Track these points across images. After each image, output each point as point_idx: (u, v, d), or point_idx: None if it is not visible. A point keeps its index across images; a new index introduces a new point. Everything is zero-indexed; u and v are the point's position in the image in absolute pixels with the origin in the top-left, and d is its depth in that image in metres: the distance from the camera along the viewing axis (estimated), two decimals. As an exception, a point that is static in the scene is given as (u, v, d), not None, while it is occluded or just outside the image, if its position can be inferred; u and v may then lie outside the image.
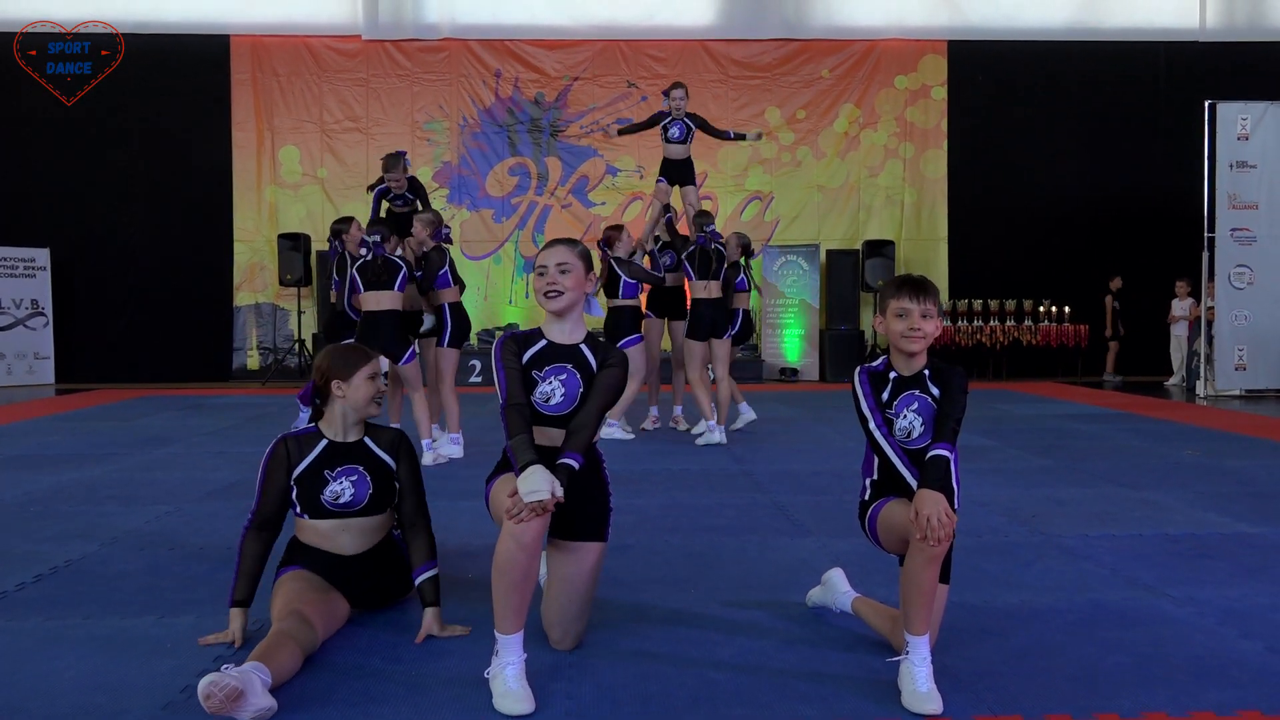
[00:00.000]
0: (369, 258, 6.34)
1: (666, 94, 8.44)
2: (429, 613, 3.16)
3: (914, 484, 2.79)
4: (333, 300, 7.28)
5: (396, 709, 2.62)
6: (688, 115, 8.37)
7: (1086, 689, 2.74)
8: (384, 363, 6.57)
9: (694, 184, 8.49)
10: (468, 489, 5.49)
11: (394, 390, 6.87)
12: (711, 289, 7.40)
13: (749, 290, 8.13)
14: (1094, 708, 2.62)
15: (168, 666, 2.90)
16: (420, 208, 7.35)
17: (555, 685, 2.73)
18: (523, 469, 2.74)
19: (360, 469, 3.22)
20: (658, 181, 8.36)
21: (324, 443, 3.23)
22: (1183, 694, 2.70)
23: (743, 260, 7.93)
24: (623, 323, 7.57)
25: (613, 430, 7.52)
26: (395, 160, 7.38)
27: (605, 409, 3.01)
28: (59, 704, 2.65)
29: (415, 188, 7.53)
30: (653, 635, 3.17)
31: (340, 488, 3.18)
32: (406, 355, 6.45)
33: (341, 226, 7.04)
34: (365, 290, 6.38)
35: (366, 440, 3.28)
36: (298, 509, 3.22)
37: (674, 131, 8.35)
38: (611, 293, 7.59)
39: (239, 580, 3.10)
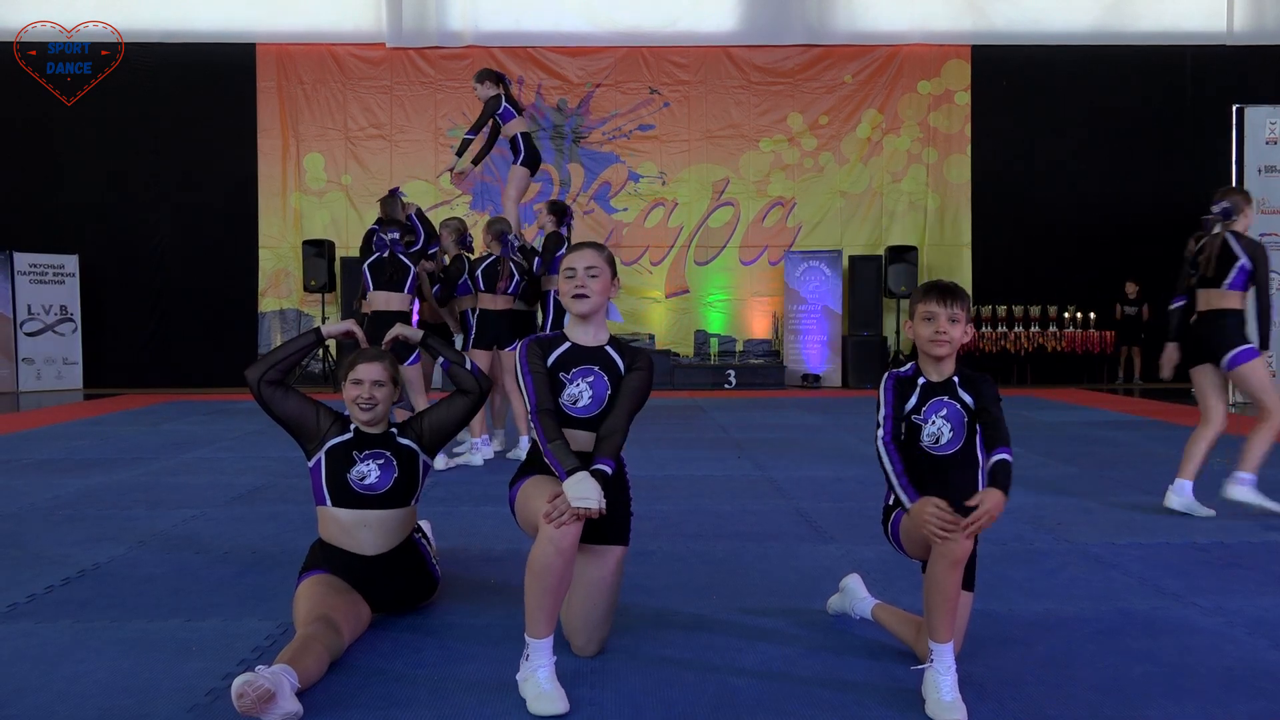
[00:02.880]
0: (385, 254, 6.38)
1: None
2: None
3: (907, 502, 2.77)
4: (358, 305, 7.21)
5: (419, 713, 2.62)
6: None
7: (1113, 699, 2.71)
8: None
9: (515, 162, 7.53)
10: (490, 494, 5.51)
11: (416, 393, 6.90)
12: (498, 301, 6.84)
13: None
14: (1120, 718, 2.59)
15: (194, 669, 2.93)
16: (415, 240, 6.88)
17: (577, 691, 2.73)
18: (570, 473, 2.75)
19: (387, 453, 3.28)
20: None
21: (354, 427, 3.33)
22: (1212, 704, 2.67)
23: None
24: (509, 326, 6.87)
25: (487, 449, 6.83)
26: (393, 203, 6.83)
27: (634, 413, 3.01)
28: (87, 706, 2.67)
29: (420, 217, 7.28)
30: (674, 642, 3.16)
31: (366, 468, 3.24)
32: (411, 357, 6.42)
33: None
34: (374, 289, 6.43)
35: (392, 430, 3.37)
36: (325, 496, 3.25)
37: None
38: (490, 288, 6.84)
39: (296, 343, 3.47)
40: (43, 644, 3.16)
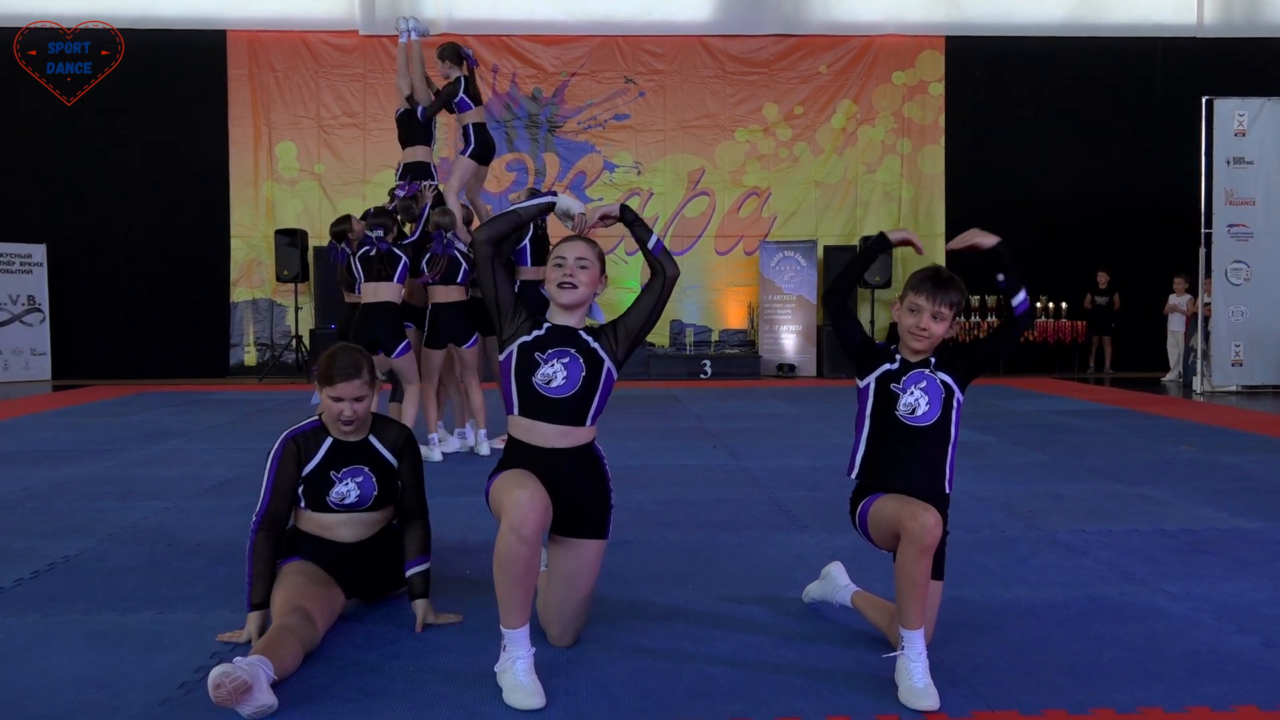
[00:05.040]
0: (371, 251, 6.33)
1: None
2: (420, 604, 3.20)
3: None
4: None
5: (394, 705, 2.62)
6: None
7: (1083, 684, 2.75)
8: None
9: (463, 152, 7.38)
10: (466, 484, 5.50)
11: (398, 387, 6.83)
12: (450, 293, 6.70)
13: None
14: (1090, 702, 2.63)
15: (165, 662, 2.91)
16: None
17: (553, 682, 2.73)
18: (545, 198, 3.20)
19: (366, 469, 3.21)
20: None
21: (329, 441, 3.21)
22: (1179, 688, 2.71)
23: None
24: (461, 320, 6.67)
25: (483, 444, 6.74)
26: (412, 205, 6.70)
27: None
28: (56, 700, 2.65)
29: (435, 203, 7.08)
30: (650, 631, 3.17)
31: (346, 489, 3.18)
32: (400, 349, 6.34)
33: (344, 227, 6.80)
34: (365, 281, 6.36)
35: (371, 439, 3.26)
36: (302, 503, 3.21)
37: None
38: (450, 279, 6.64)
39: (254, 584, 3.06)
40: (11, 638, 3.12)
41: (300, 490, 3.19)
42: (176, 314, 13.57)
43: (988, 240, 2.97)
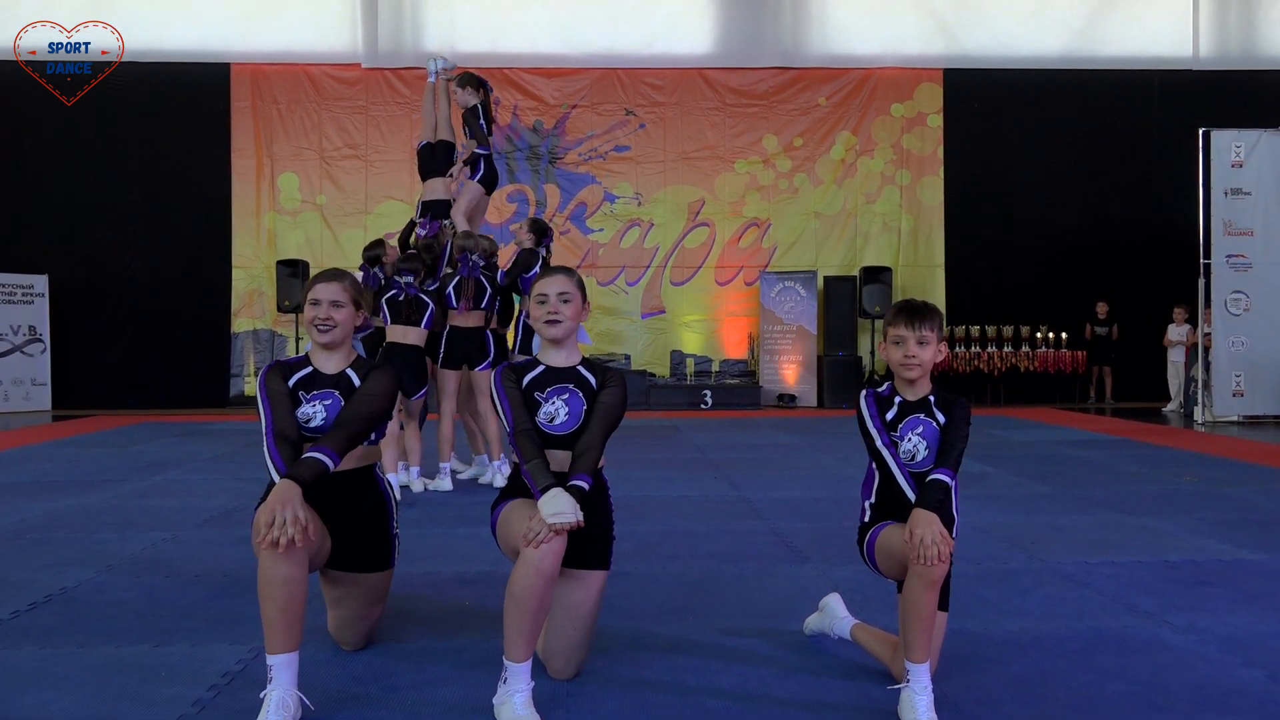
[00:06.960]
0: (400, 296, 6.36)
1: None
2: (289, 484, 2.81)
3: (914, 496, 2.80)
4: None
5: (393, 738, 2.60)
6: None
7: (1087, 717, 2.72)
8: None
9: (472, 178, 7.68)
10: (465, 516, 5.49)
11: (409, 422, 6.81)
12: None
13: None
14: (1095, 737, 2.61)
15: (163, 695, 2.88)
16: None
17: (552, 715, 2.71)
18: (544, 491, 2.75)
19: (335, 394, 3.12)
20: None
21: (309, 369, 3.17)
22: (1184, 723, 2.69)
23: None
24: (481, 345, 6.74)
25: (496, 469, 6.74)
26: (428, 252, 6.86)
27: (609, 430, 3.01)
28: (53, 734, 2.63)
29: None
30: (651, 663, 3.15)
31: (312, 410, 3.08)
32: (420, 392, 6.48)
33: (378, 252, 6.72)
34: (391, 323, 6.40)
35: (348, 371, 3.18)
36: None
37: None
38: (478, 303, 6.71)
39: (284, 465, 2.85)
40: (8, 671, 3.10)
41: None
42: (177, 344, 13.59)
43: (934, 527, 2.71)
